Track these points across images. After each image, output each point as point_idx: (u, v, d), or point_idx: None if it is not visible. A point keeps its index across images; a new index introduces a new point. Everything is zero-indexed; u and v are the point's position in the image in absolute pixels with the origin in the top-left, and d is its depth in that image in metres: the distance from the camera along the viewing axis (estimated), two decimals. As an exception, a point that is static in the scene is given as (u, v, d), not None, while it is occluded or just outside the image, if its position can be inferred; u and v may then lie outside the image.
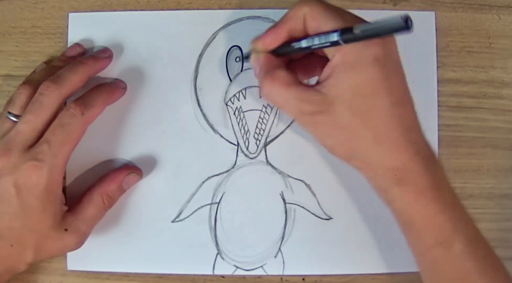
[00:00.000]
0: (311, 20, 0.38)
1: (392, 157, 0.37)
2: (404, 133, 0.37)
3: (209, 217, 0.47)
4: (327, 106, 0.37)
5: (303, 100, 0.37)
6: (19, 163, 0.40)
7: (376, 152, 0.37)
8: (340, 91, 0.36)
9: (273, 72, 0.38)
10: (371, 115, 0.36)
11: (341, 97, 0.36)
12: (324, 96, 0.37)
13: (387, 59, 0.36)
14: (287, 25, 0.39)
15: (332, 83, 0.37)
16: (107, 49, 0.47)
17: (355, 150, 0.38)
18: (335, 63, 0.37)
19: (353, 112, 0.36)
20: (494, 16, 0.48)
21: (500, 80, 0.48)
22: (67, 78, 0.42)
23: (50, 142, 0.40)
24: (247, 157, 0.47)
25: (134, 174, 0.45)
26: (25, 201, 0.40)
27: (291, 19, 0.39)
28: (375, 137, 0.37)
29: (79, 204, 0.44)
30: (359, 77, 0.36)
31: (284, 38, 0.39)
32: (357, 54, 0.36)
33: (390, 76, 0.36)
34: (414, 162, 0.37)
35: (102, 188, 0.44)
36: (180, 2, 0.48)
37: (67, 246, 0.42)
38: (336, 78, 0.37)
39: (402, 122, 0.37)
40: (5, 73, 0.48)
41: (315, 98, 0.37)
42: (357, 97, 0.36)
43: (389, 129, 0.37)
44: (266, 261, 0.47)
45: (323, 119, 0.37)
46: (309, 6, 0.38)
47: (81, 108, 0.41)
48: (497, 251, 0.47)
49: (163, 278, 0.47)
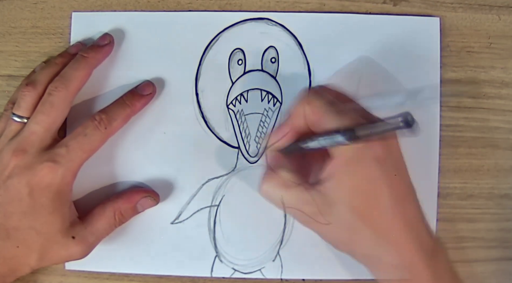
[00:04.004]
0: (313, 120, 0.38)
1: (393, 255, 0.37)
2: (406, 230, 0.37)
3: (208, 220, 0.47)
4: (327, 207, 0.37)
5: (304, 201, 0.38)
6: (34, 163, 0.41)
7: (377, 250, 0.37)
8: (341, 192, 0.37)
9: (274, 172, 0.40)
10: (372, 214, 0.37)
11: (342, 198, 0.37)
12: (324, 197, 0.37)
13: (388, 157, 0.37)
14: (291, 124, 0.40)
15: (333, 184, 0.37)
16: (107, 35, 0.46)
17: (357, 248, 0.38)
18: (336, 163, 0.37)
19: (354, 212, 0.37)
20: (494, 16, 0.48)
21: (500, 80, 0.48)
22: (72, 76, 0.43)
23: (69, 147, 0.41)
24: (248, 160, 0.47)
25: (150, 198, 0.45)
26: (36, 201, 0.41)
27: (294, 117, 0.40)
28: (377, 236, 0.37)
29: (90, 214, 0.44)
30: (361, 177, 0.37)
31: (291, 135, 0.40)
32: (358, 154, 0.36)
33: (391, 174, 0.37)
34: (416, 258, 0.37)
35: (116, 204, 0.44)
36: (180, 2, 0.47)
37: (72, 254, 0.42)
38: (338, 179, 0.37)
39: (404, 219, 0.37)
40: (5, 73, 0.48)
41: (316, 199, 0.38)
42: (358, 196, 0.37)
43: (391, 228, 0.37)
44: (264, 265, 0.47)
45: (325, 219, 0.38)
46: (309, 104, 0.38)
47: (105, 123, 0.42)
48: (497, 251, 0.47)
49: (163, 278, 0.47)
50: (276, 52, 0.47)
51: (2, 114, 0.45)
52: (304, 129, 0.39)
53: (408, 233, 0.37)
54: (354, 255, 0.39)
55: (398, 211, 0.37)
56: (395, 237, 0.37)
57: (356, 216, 0.37)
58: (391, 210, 0.37)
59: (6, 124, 0.43)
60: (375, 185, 0.37)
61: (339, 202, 0.37)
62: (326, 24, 0.47)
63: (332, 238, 0.39)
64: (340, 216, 0.37)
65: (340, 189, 0.37)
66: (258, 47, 0.47)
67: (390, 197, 0.37)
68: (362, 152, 0.36)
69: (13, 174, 0.41)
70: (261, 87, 0.47)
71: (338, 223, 0.38)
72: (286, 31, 0.47)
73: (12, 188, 0.41)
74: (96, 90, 0.47)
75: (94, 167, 0.46)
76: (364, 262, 0.39)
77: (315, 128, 0.38)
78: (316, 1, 0.47)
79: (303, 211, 0.38)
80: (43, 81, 0.43)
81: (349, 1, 0.48)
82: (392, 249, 0.37)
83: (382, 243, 0.37)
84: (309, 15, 0.47)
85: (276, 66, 0.47)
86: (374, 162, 0.36)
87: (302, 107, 0.39)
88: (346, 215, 0.37)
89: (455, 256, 0.47)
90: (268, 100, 0.47)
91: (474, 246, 0.47)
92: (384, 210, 0.37)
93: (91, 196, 0.47)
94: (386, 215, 0.37)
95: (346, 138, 0.35)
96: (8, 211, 0.41)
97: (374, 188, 0.37)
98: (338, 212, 0.37)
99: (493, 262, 0.47)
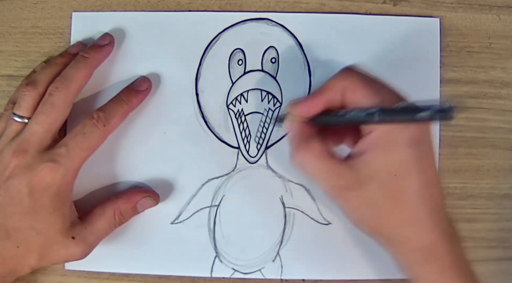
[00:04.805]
0: (351, 94, 0.38)
1: (418, 237, 0.38)
2: (431, 215, 0.37)
3: (208, 220, 0.47)
4: (359, 183, 0.37)
5: (336, 174, 0.38)
6: (35, 163, 0.41)
7: (403, 231, 0.38)
8: (373, 170, 0.37)
9: (307, 142, 0.39)
10: (402, 196, 0.37)
11: (374, 176, 0.37)
12: (357, 173, 0.37)
13: (422, 141, 0.37)
14: (325, 96, 0.39)
15: (366, 161, 0.37)
16: (107, 35, 0.46)
17: (382, 228, 0.39)
18: (370, 140, 0.37)
19: (385, 191, 0.37)
20: (494, 16, 0.48)
21: (500, 80, 0.48)
22: (73, 76, 0.43)
23: (69, 146, 0.41)
24: (248, 160, 0.47)
25: (150, 198, 0.45)
26: (37, 201, 0.41)
27: (330, 90, 0.39)
28: (403, 217, 0.37)
29: (90, 215, 0.44)
30: (393, 158, 0.37)
31: (322, 108, 0.39)
32: (393, 134, 0.36)
33: (423, 159, 0.37)
34: (439, 242, 0.37)
35: (116, 204, 0.44)
36: (180, 2, 0.47)
37: (72, 254, 0.42)
38: (371, 157, 0.37)
39: (430, 203, 0.37)
40: (5, 73, 0.48)
41: (347, 174, 0.37)
42: (390, 177, 0.37)
43: (418, 211, 0.37)
44: (264, 265, 0.47)
45: (354, 195, 0.38)
46: (350, 79, 0.38)
47: (103, 120, 0.43)
48: (497, 251, 0.47)
49: (163, 278, 0.47)
50: (276, 52, 0.47)
51: (3, 114, 0.45)
52: (337, 103, 0.39)
53: (433, 218, 0.37)
54: (376, 235, 0.39)
55: (425, 195, 0.37)
56: (421, 220, 0.37)
57: (386, 195, 0.37)
58: (419, 194, 0.37)
59: (7, 124, 0.44)
60: (407, 167, 0.37)
61: (371, 180, 0.37)
62: (326, 24, 0.47)
63: (358, 216, 0.39)
64: (370, 194, 0.37)
65: (373, 168, 0.37)
66: (258, 47, 0.47)
67: (419, 181, 0.37)
68: (398, 133, 0.36)
69: (14, 175, 0.41)
70: (261, 87, 0.47)
71: (367, 201, 0.38)
72: (286, 31, 0.47)
73: (13, 188, 0.41)
74: (96, 90, 0.47)
75: (94, 167, 0.46)
76: (385, 243, 0.39)
77: (351, 103, 0.38)
78: (316, 1, 0.47)
79: (333, 184, 0.38)
80: (43, 81, 0.43)
81: (349, 1, 0.48)
82: (417, 232, 0.37)
83: (408, 225, 0.37)
84: (309, 15, 0.47)
85: (276, 66, 0.47)
86: (408, 145, 0.36)
87: (341, 81, 0.38)
88: (377, 193, 0.37)
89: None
90: (268, 100, 0.47)
91: (474, 246, 0.47)
92: (413, 194, 0.37)
93: (91, 196, 0.47)
94: (414, 198, 0.37)
95: (382, 118, 0.35)
96: (9, 211, 0.41)
97: (406, 171, 0.37)
98: (369, 190, 0.37)
99: (493, 262, 0.47)
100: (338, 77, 0.39)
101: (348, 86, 0.38)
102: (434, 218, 0.37)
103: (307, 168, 0.39)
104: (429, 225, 0.37)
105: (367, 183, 0.37)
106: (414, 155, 0.36)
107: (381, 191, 0.37)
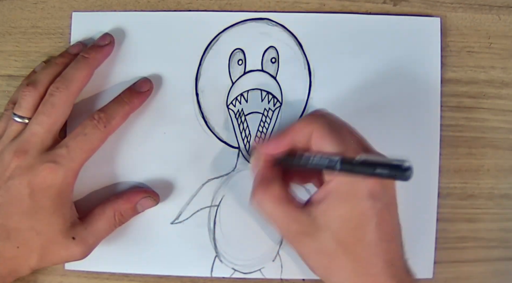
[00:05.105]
0: (316, 139, 0.38)
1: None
2: (385, 268, 0.37)
3: (208, 220, 0.47)
4: (313, 230, 0.37)
5: (292, 220, 0.38)
6: (35, 164, 0.41)
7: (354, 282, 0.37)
8: (329, 219, 0.37)
9: (268, 184, 0.39)
10: (356, 248, 0.37)
11: (329, 225, 0.37)
12: (313, 220, 0.37)
13: (382, 194, 0.37)
14: (291, 137, 0.40)
15: (323, 209, 0.37)
16: (107, 35, 0.46)
17: (332, 277, 0.38)
18: (330, 189, 0.37)
19: (338, 242, 0.37)
20: (494, 16, 0.48)
21: (500, 80, 0.48)
22: (74, 77, 0.43)
23: (69, 147, 0.41)
24: (248, 160, 0.47)
25: (150, 198, 0.45)
26: (37, 202, 0.41)
27: (296, 132, 0.39)
28: (356, 270, 0.37)
29: (90, 215, 0.44)
30: (350, 209, 0.37)
31: (286, 148, 0.40)
32: (353, 185, 0.36)
33: (383, 212, 0.37)
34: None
35: (116, 204, 0.44)
36: (180, 2, 0.47)
37: (72, 255, 0.42)
38: (328, 206, 0.37)
39: (385, 257, 0.37)
40: (5, 73, 0.48)
41: (304, 220, 0.38)
42: (345, 228, 0.37)
43: (371, 264, 0.37)
44: (264, 265, 0.47)
45: (308, 241, 0.38)
46: (317, 124, 0.38)
47: (104, 121, 0.42)
48: (497, 251, 0.47)
49: (163, 278, 0.47)
50: (276, 52, 0.47)
51: (3, 114, 0.45)
52: (302, 146, 0.39)
53: (387, 270, 0.37)
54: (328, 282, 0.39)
55: (382, 248, 0.37)
56: (374, 272, 0.37)
57: (340, 246, 0.37)
58: (375, 247, 0.37)
59: (7, 125, 0.43)
60: (364, 220, 0.36)
61: (326, 228, 0.37)
62: (326, 24, 0.47)
63: (312, 261, 0.39)
64: (324, 242, 0.37)
65: (329, 217, 0.37)
66: (258, 47, 0.47)
67: (376, 234, 0.37)
68: (358, 184, 0.36)
69: (14, 175, 0.41)
70: (261, 87, 0.47)
71: (320, 249, 0.38)
72: (286, 31, 0.47)
73: (13, 189, 0.41)
74: (97, 90, 0.47)
75: (94, 167, 0.46)
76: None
77: (316, 148, 0.38)
78: (316, 1, 0.47)
79: (288, 229, 0.38)
80: (43, 81, 0.43)
81: (349, 1, 0.48)
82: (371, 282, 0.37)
83: (360, 276, 0.37)
84: (309, 15, 0.47)
85: (276, 66, 0.47)
86: (367, 197, 0.36)
87: (308, 124, 0.39)
88: (330, 242, 0.37)
89: (455, 256, 0.47)
90: (268, 100, 0.47)
91: (474, 246, 0.47)
92: (368, 246, 0.37)
93: (91, 196, 0.47)
94: (369, 250, 0.37)
95: (342, 167, 0.35)
96: (9, 212, 0.41)
97: (363, 223, 0.37)
98: (323, 238, 0.37)
99: (493, 262, 0.47)
100: (306, 120, 0.39)
101: (315, 130, 0.38)
102: (388, 272, 0.37)
103: (264, 210, 0.39)
104: (381, 279, 0.37)
105: (321, 231, 0.37)
106: (373, 208, 0.36)
107: (335, 241, 0.37)
